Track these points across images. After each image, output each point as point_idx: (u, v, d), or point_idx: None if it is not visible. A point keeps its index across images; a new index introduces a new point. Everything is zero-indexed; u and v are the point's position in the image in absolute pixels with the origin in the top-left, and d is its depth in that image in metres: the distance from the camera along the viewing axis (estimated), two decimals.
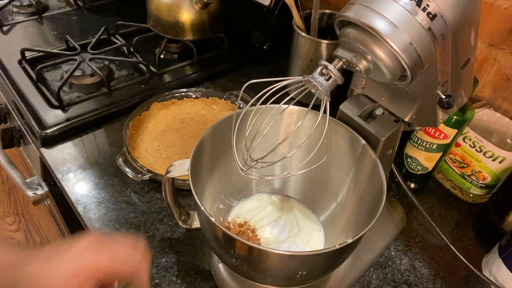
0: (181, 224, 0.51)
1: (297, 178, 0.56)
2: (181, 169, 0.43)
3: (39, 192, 0.76)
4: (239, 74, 0.86)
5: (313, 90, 0.41)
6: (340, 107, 0.49)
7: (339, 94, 0.80)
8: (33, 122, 0.66)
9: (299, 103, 0.49)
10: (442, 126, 0.57)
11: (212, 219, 0.37)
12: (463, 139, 0.60)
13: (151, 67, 0.81)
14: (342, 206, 0.51)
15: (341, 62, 0.40)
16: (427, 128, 0.59)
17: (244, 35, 0.96)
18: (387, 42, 0.35)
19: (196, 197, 0.38)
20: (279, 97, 0.43)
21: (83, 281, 0.34)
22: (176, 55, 0.89)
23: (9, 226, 1.56)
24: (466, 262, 0.49)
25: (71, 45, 0.83)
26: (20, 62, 0.79)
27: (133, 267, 0.37)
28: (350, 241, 0.37)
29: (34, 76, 0.75)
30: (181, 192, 0.60)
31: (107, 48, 0.82)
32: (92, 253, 0.35)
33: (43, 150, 0.65)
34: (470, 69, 0.43)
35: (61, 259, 0.35)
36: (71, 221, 0.85)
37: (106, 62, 0.82)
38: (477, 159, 0.59)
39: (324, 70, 0.40)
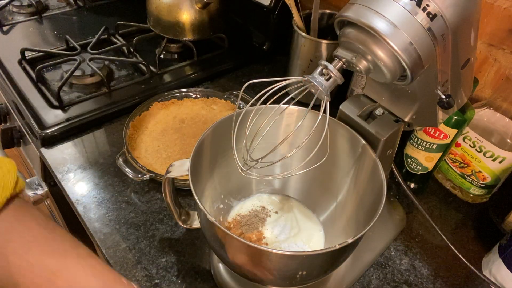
0: (181, 224, 0.51)
1: (297, 178, 0.56)
2: (181, 169, 0.43)
3: (39, 192, 0.76)
4: (239, 74, 0.86)
5: (313, 90, 0.41)
6: (340, 107, 0.49)
7: (339, 94, 0.80)
8: (33, 122, 0.66)
9: (299, 103, 0.50)
10: (442, 126, 0.57)
11: (212, 219, 0.37)
12: (463, 139, 0.60)
13: (151, 67, 0.81)
14: (342, 206, 0.51)
15: (341, 62, 0.40)
16: (427, 128, 0.59)
17: (244, 35, 0.96)
18: (387, 42, 0.35)
19: (196, 197, 0.38)
20: (279, 97, 0.43)
21: None
22: (176, 55, 0.89)
23: None
24: (466, 262, 0.49)
25: (71, 45, 0.83)
26: (20, 62, 0.79)
27: None
28: (350, 241, 0.36)
29: (34, 76, 0.75)
30: (181, 192, 0.60)
31: (107, 48, 0.82)
32: None
33: (43, 150, 0.65)
34: (470, 69, 0.43)
35: None
36: (71, 221, 0.85)
37: (106, 62, 0.82)
38: (477, 159, 0.59)
39: (324, 70, 0.40)
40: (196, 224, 0.52)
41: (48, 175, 0.73)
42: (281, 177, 0.56)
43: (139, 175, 0.58)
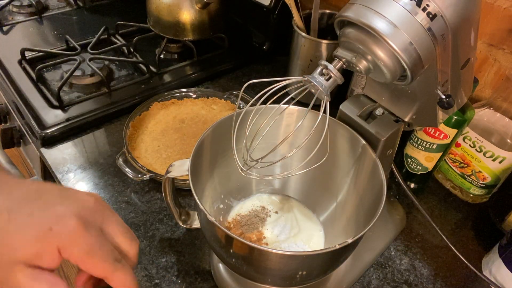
0: (181, 224, 0.51)
1: (297, 178, 0.56)
2: (181, 169, 0.43)
3: None
4: (239, 74, 0.86)
5: (313, 90, 0.41)
6: (340, 107, 0.49)
7: (339, 94, 0.80)
8: (33, 122, 0.66)
9: (299, 103, 0.50)
10: (442, 126, 0.57)
11: (212, 219, 0.37)
12: (463, 139, 0.60)
13: (151, 67, 0.81)
14: (342, 206, 0.51)
15: (341, 62, 0.40)
16: (427, 128, 0.59)
17: (244, 35, 0.96)
18: (387, 42, 0.35)
19: (196, 197, 0.38)
20: (279, 97, 0.43)
21: (54, 246, 0.28)
22: (176, 55, 0.89)
23: None
24: (466, 262, 0.49)
25: (71, 45, 0.83)
26: (20, 62, 0.79)
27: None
28: (350, 241, 0.37)
29: (34, 76, 0.75)
30: (181, 192, 0.60)
31: (107, 48, 0.82)
32: (83, 224, 0.29)
33: (43, 150, 0.65)
34: (470, 69, 0.43)
35: (43, 207, 0.29)
36: None
37: (106, 62, 0.82)
38: (477, 159, 0.59)
39: (324, 70, 0.40)
40: (196, 224, 0.52)
41: (48, 175, 0.73)
42: (281, 177, 0.56)
43: (139, 175, 0.58)
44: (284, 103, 0.42)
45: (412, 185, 0.66)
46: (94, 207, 0.32)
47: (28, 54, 0.80)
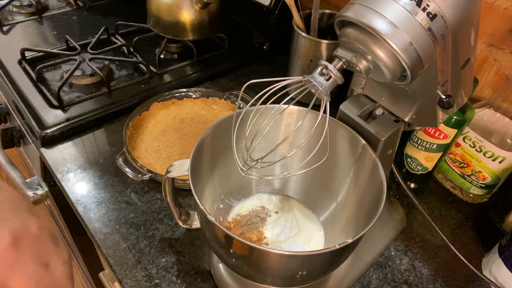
0: (181, 224, 0.51)
1: (297, 178, 0.56)
2: (181, 169, 0.43)
3: (39, 192, 0.76)
4: (239, 74, 0.86)
5: (313, 90, 0.41)
6: (340, 107, 0.49)
7: (339, 94, 0.80)
8: (33, 122, 0.66)
9: (299, 103, 0.50)
10: (442, 126, 0.57)
11: (212, 219, 0.37)
12: (463, 139, 0.60)
13: (151, 67, 0.81)
14: (342, 206, 0.51)
15: (341, 62, 0.40)
16: (427, 128, 0.59)
17: (244, 35, 0.96)
18: (387, 42, 0.35)
19: (196, 197, 0.38)
20: (279, 97, 0.43)
21: None
22: (176, 55, 0.89)
23: None
24: (466, 262, 0.49)
25: (71, 45, 0.83)
26: (20, 62, 0.79)
27: None
28: (350, 241, 0.37)
29: (34, 76, 0.75)
30: (181, 192, 0.60)
31: (107, 48, 0.82)
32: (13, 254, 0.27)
33: (43, 150, 0.65)
34: (470, 69, 0.43)
35: None
36: (71, 221, 0.85)
37: (106, 62, 0.82)
38: (477, 159, 0.59)
39: (324, 70, 0.40)
40: (196, 224, 0.52)
41: (48, 175, 0.73)
42: (281, 177, 0.56)
43: (139, 175, 0.58)
44: (284, 103, 0.42)
45: (412, 185, 0.66)
46: (38, 234, 0.28)
47: (28, 54, 0.80)
